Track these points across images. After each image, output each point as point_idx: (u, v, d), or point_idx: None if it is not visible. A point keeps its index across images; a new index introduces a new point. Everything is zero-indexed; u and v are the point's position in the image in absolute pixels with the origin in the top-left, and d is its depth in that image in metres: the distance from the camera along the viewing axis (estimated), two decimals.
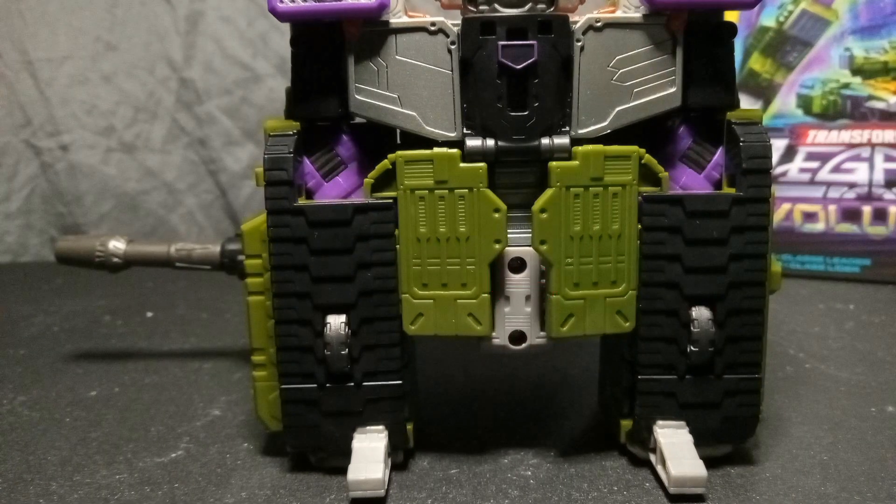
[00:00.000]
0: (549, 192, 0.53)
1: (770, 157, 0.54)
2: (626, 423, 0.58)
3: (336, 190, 0.56)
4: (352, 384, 0.56)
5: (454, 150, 0.53)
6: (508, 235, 0.54)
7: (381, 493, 0.53)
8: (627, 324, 0.55)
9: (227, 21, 1.44)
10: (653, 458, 0.56)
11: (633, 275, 0.54)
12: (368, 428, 0.56)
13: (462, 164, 0.53)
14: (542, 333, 0.56)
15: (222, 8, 1.46)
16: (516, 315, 0.55)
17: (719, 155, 0.56)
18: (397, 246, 0.54)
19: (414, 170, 0.53)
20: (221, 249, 0.76)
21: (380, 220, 0.54)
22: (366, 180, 0.54)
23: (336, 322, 0.54)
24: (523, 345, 0.56)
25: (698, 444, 0.55)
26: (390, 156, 0.54)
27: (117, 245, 0.78)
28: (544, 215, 0.53)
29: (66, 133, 1.48)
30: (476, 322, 0.55)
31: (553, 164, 0.53)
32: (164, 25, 1.46)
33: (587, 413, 0.67)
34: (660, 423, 0.56)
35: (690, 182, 0.56)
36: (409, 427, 0.58)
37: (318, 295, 0.54)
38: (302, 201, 0.54)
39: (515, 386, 0.73)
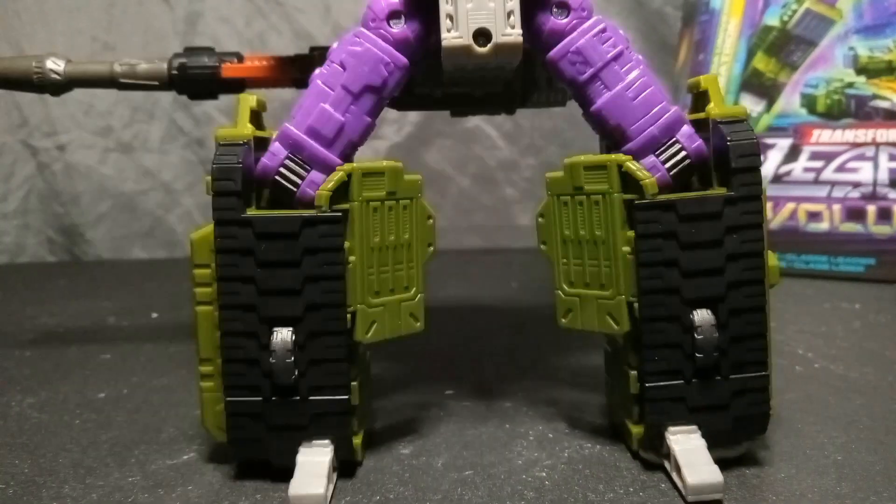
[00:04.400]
0: (545, 200, 0.59)
1: (758, 154, 0.54)
2: (637, 431, 0.57)
3: None
4: (297, 398, 0.55)
5: (399, 164, 0.56)
6: None
7: None
8: (618, 327, 0.56)
9: (224, 21, 1.44)
10: (667, 464, 0.56)
11: (623, 280, 0.55)
12: (314, 441, 0.56)
13: (406, 177, 0.57)
14: (508, 31, 0.54)
15: (220, 8, 1.45)
16: (479, 10, 0.54)
17: None
18: (351, 258, 0.54)
19: (369, 182, 0.55)
20: (169, 63, 0.74)
21: (328, 233, 0.54)
22: (320, 192, 0.54)
23: (282, 335, 0.54)
24: (488, 46, 0.55)
25: (711, 446, 0.55)
26: (346, 167, 0.55)
27: (56, 63, 0.76)
28: (542, 220, 0.59)
29: (64, 133, 1.47)
30: (415, 320, 0.58)
31: (548, 174, 0.59)
32: (161, 26, 1.46)
33: (599, 414, 0.66)
34: (671, 429, 0.56)
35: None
36: (357, 441, 0.57)
37: (264, 307, 0.54)
38: (250, 212, 0.54)
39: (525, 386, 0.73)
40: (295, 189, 0.56)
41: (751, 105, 1.12)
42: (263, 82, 0.82)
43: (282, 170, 0.56)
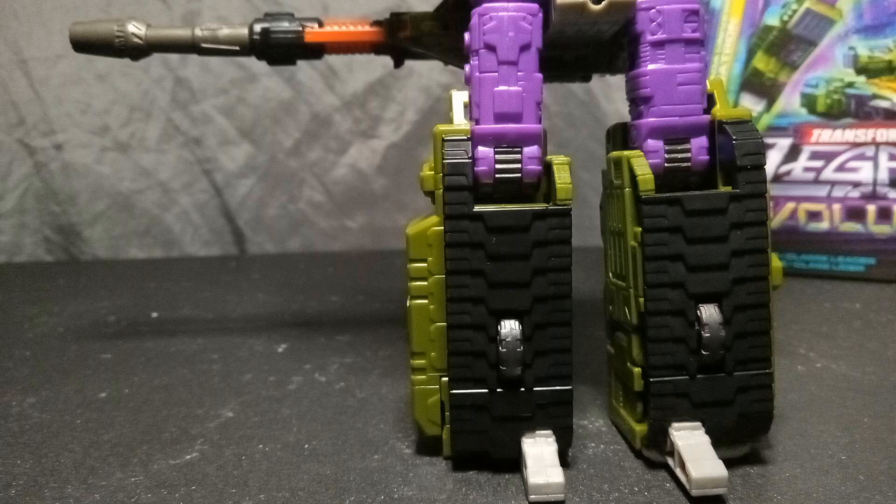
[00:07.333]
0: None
1: (763, 153, 0.55)
2: (641, 429, 0.57)
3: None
4: (523, 389, 0.55)
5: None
6: None
7: (562, 496, 0.52)
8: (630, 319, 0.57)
9: (222, 20, 1.44)
10: (671, 461, 0.56)
11: (632, 273, 0.56)
12: (537, 432, 0.56)
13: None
14: None
15: (218, 8, 1.45)
16: None
17: None
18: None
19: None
20: (250, 28, 0.74)
21: (558, 225, 0.54)
22: (562, 185, 0.54)
23: (511, 326, 0.54)
24: (602, 3, 0.55)
25: (716, 444, 0.55)
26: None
27: (137, 27, 0.76)
28: (601, 212, 0.63)
29: (61, 132, 1.47)
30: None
31: (603, 168, 0.61)
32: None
33: (601, 414, 0.66)
34: (675, 425, 0.56)
35: None
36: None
37: (493, 300, 0.54)
38: (478, 207, 0.55)
39: None
40: (519, 175, 0.56)
41: (751, 105, 1.12)
42: (345, 47, 0.81)
43: (498, 166, 0.56)
